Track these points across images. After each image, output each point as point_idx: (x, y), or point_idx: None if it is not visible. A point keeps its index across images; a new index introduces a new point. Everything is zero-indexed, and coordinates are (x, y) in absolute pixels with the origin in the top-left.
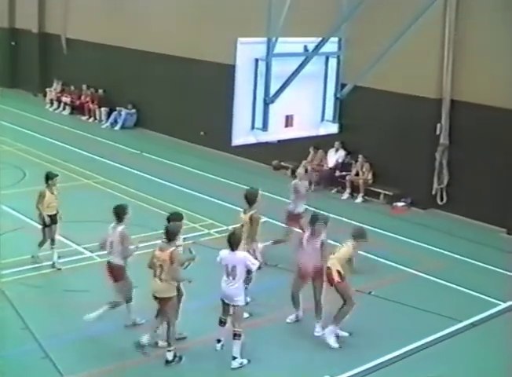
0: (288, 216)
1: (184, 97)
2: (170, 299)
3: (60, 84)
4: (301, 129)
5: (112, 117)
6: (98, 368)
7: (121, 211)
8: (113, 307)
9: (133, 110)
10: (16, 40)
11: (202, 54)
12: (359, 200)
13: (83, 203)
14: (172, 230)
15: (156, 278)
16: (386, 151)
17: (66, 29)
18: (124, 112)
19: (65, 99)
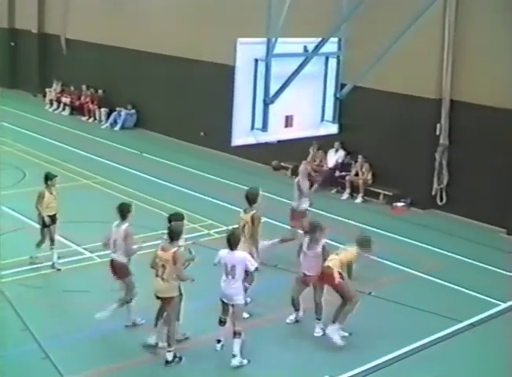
0: (292, 213)
1: (183, 98)
2: (172, 299)
3: (60, 84)
4: (300, 129)
5: (112, 117)
6: (98, 368)
7: (125, 209)
8: (122, 304)
9: (133, 110)
10: (16, 40)
11: (202, 54)
12: (358, 200)
13: (83, 204)
14: (175, 230)
15: (158, 278)
16: (386, 151)
17: (66, 29)
18: (124, 113)
19: (65, 99)
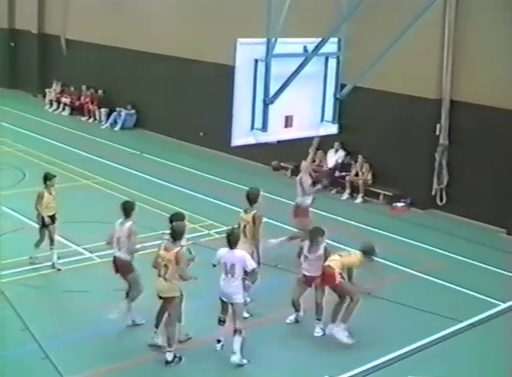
0: (296, 210)
1: (183, 98)
2: (174, 299)
3: (60, 85)
4: (300, 129)
5: (112, 118)
6: (98, 368)
7: (129, 207)
8: (132, 300)
9: (133, 110)
10: (16, 41)
11: (201, 55)
12: (358, 201)
13: (83, 204)
14: (178, 230)
15: (161, 278)
16: (386, 151)
17: (65, 30)
18: (124, 113)
19: (65, 100)
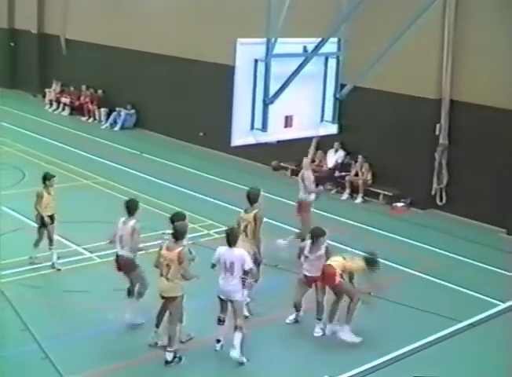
0: (300, 205)
1: (183, 98)
2: (175, 298)
3: (60, 85)
4: (300, 129)
5: (112, 117)
6: (98, 368)
7: (132, 206)
8: (140, 297)
9: (133, 110)
10: (16, 41)
11: (201, 55)
12: (358, 201)
13: (83, 204)
14: (180, 229)
15: (163, 277)
16: (386, 151)
17: (65, 30)
18: (123, 113)
19: (64, 99)
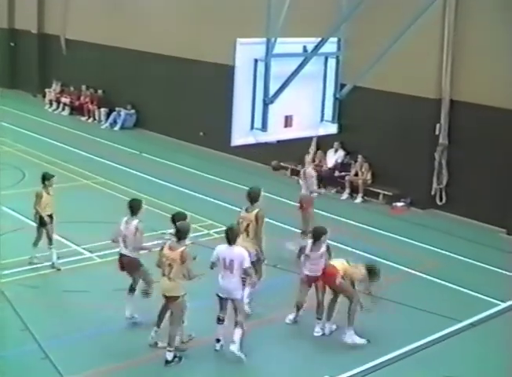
0: (302, 200)
1: (183, 98)
2: (177, 298)
3: (60, 85)
4: (300, 129)
5: (112, 117)
6: (98, 368)
7: (136, 205)
8: (148, 295)
9: (133, 110)
10: (16, 41)
11: (201, 55)
12: (358, 200)
13: (83, 204)
14: (183, 229)
15: (165, 277)
16: (386, 151)
17: (65, 30)
18: (123, 113)
19: (64, 99)
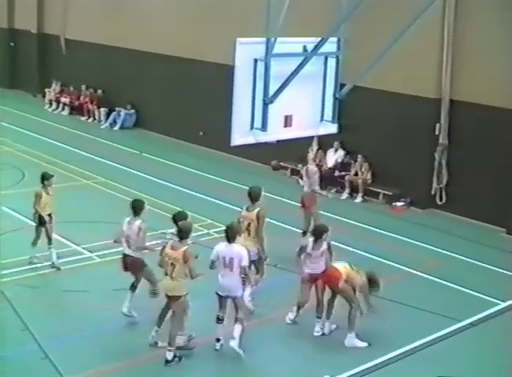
0: (303, 198)
1: (183, 98)
2: (180, 298)
3: (59, 84)
4: (300, 129)
5: (111, 117)
6: (98, 368)
7: (138, 206)
8: (154, 295)
9: (133, 110)
10: (15, 41)
11: (201, 54)
12: (358, 200)
13: (83, 204)
14: (185, 228)
15: (167, 276)
16: (385, 151)
17: (65, 30)
18: (123, 113)
19: (64, 99)
